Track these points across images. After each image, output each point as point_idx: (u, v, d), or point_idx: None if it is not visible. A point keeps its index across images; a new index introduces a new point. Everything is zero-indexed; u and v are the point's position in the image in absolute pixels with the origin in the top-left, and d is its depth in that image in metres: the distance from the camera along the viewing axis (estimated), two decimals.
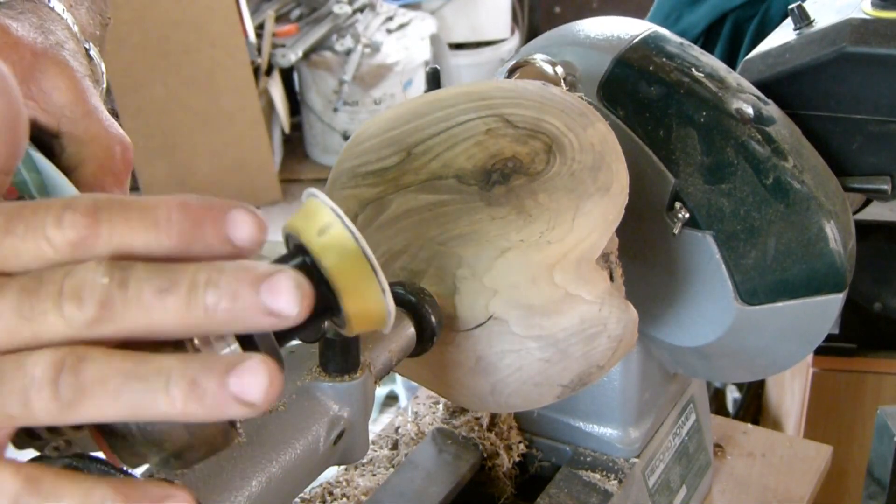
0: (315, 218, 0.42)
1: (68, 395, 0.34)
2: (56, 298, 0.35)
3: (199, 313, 0.35)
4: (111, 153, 0.53)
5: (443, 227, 0.61)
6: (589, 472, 0.81)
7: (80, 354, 0.35)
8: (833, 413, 1.59)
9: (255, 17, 3.36)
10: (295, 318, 0.35)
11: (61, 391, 0.34)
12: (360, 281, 0.42)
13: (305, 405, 0.53)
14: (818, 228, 0.70)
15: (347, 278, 0.42)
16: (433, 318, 0.59)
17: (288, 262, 0.42)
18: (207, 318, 0.35)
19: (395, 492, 0.79)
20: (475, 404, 0.67)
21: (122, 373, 0.35)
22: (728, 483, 0.95)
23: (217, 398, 0.34)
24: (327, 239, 0.42)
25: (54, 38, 0.55)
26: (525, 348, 0.61)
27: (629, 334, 0.64)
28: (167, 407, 0.34)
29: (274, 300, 0.35)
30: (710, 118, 0.70)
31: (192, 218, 0.36)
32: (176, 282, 0.35)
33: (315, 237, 0.42)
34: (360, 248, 0.42)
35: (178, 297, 0.35)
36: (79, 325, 0.35)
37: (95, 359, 0.35)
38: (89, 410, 0.35)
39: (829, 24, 0.79)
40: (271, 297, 0.35)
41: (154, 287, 0.35)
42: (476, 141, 0.61)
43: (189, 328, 0.35)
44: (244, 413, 0.35)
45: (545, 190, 0.60)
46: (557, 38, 0.77)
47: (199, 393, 0.34)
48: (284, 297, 0.35)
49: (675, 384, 0.88)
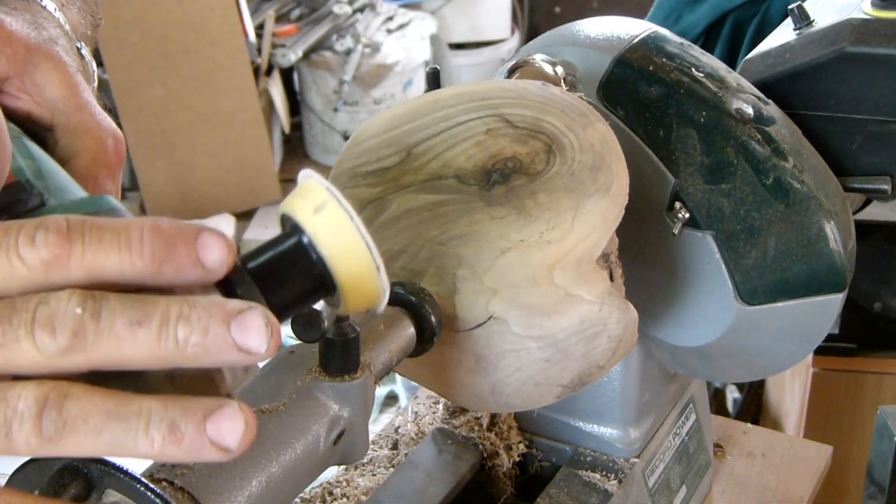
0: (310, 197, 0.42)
1: (50, 431, 0.35)
2: (29, 326, 0.35)
3: (170, 346, 0.36)
4: (104, 146, 0.53)
5: (443, 227, 0.61)
6: (589, 472, 0.81)
7: (64, 391, 0.36)
8: (833, 413, 1.59)
9: (255, 17, 3.35)
10: (263, 355, 0.36)
11: (44, 426, 0.35)
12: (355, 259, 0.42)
13: (305, 405, 0.53)
14: (818, 228, 0.70)
15: (342, 256, 0.42)
16: (433, 318, 0.59)
17: (283, 241, 0.43)
18: (178, 352, 0.36)
19: (395, 492, 0.79)
20: (475, 404, 0.67)
21: (104, 412, 0.36)
22: (728, 483, 0.95)
23: (195, 442, 0.36)
24: (323, 218, 0.42)
25: (47, 34, 0.55)
26: (525, 348, 0.61)
27: (629, 334, 0.64)
28: (145, 448, 0.36)
29: (244, 337, 0.36)
30: (710, 118, 0.70)
31: (164, 240, 0.36)
32: (148, 314, 0.36)
33: (311, 216, 0.42)
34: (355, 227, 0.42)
35: (150, 330, 0.36)
36: (51, 353, 0.35)
37: (79, 396, 0.36)
38: (69, 447, 0.36)
39: (829, 24, 0.79)
40: (241, 335, 0.36)
41: (126, 319, 0.36)
42: (476, 141, 0.61)
43: (159, 361, 0.36)
44: (220, 458, 0.36)
45: (545, 190, 0.60)
46: (557, 38, 0.77)
47: (177, 436, 0.36)
48: (254, 335, 0.36)
49: (675, 384, 0.88)
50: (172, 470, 0.47)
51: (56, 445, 0.36)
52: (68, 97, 0.54)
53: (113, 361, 0.36)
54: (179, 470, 0.47)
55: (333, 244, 0.42)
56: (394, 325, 0.58)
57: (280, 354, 0.56)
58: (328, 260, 0.42)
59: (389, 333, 0.58)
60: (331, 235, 0.42)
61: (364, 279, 0.43)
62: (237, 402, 0.36)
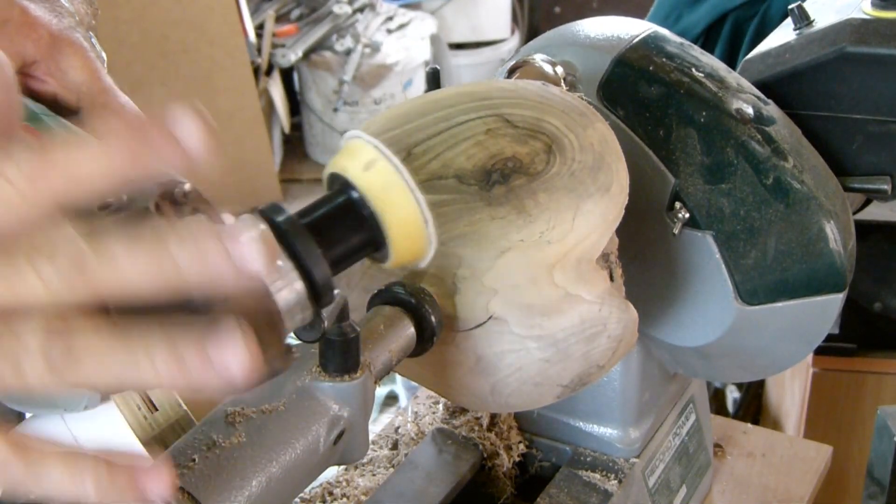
0: (359, 155, 0.44)
1: (59, 363, 0.36)
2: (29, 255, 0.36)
3: (169, 266, 0.36)
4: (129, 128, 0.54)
5: (443, 227, 0.61)
6: (589, 472, 0.81)
7: (71, 325, 0.36)
8: (833, 413, 1.59)
9: (255, 17, 3.36)
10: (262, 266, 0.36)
11: (53, 359, 0.36)
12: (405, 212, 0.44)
13: (305, 405, 0.53)
14: (818, 228, 0.70)
15: (393, 208, 0.44)
16: (433, 318, 0.59)
17: (335, 198, 0.44)
18: (177, 273, 0.36)
19: (395, 492, 0.79)
20: (475, 404, 0.67)
21: (108, 341, 0.36)
22: (728, 483, 0.95)
23: (198, 369, 0.36)
24: (373, 173, 0.44)
25: (66, 21, 0.57)
26: (525, 348, 0.61)
27: (629, 334, 0.64)
28: (150, 375, 0.36)
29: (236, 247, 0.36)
30: (710, 118, 0.70)
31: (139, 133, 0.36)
32: (141, 235, 0.36)
33: (361, 173, 0.44)
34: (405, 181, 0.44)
35: (146, 249, 0.36)
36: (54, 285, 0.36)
37: (85, 329, 0.36)
38: (78, 377, 0.36)
39: (829, 24, 0.79)
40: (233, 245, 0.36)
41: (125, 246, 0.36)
42: (476, 141, 0.61)
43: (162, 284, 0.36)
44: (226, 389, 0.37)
45: (545, 190, 0.60)
46: (557, 38, 0.77)
47: (180, 362, 0.36)
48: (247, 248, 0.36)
49: (675, 384, 0.88)
50: None
51: (65, 377, 0.36)
52: (91, 81, 0.55)
53: (117, 289, 0.36)
54: (179, 470, 0.47)
55: (384, 199, 0.44)
56: (394, 325, 0.58)
57: None
58: (379, 214, 0.44)
59: (389, 333, 0.58)
60: (381, 190, 0.44)
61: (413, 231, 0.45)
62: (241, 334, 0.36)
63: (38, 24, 0.54)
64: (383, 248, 0.45)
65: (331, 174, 0.45)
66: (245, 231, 0.36)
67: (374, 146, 0.44)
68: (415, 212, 0.44)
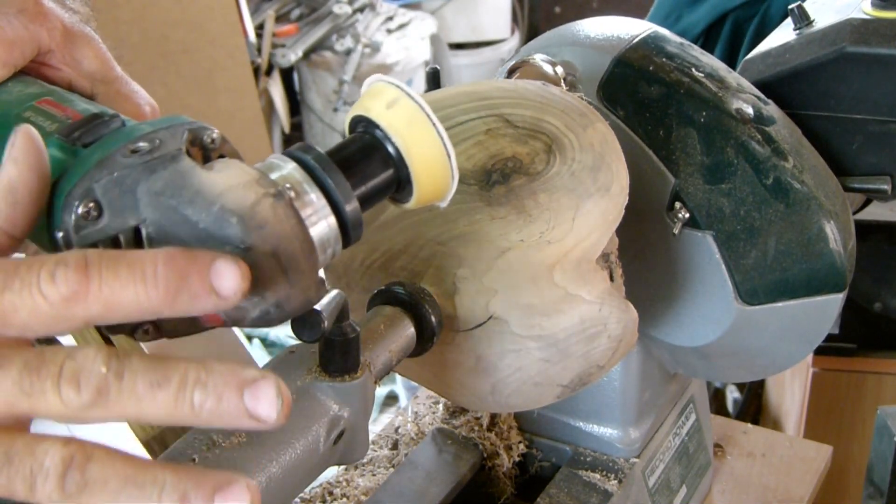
0: (382, 95, 0.46)
1: (72, 489, 0.38)
2: (56, 380, 0.38)
3: (186, 409, 0.39)
4: (142, 112, 0.57)
5: (443, 227, 0.61)
6: (589, 472, 0.81)
7: (88, 453, 0.38)
8: (833, 413, 1.59)
9: (255, 17, 3.35)
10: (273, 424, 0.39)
11: (67, 485, 0.38)
12: (429, 147, 0.45)
13: (305, 405, 0.53)
14: (818, 228, 0.70)
15: (417, 144, 0.45)
16: (433, 318, 0.59)
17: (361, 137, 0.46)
18: (193, 414, 0.39)
19: (395, 492, 0.79)
20: (475, 404, 0.67)
21: (123, 477, 0.38)
22: (728, 483, 0.95)
23: None
24: (396, 111, 0.45)
25: (76, 17, 0.59)
26: (525, 348, 0.61)
27: (629, 334, 0.63)
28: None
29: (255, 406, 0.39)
30: (710, 118, 0.70)
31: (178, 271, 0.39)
32: (168, 378, 0.38)
33: (384, 111, 0.45)
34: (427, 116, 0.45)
35: (169, 392, 0.38)
36: (74, 407, 0.38)
37: (101, 459, 0.38)
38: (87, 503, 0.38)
39: (829, 24, 0.79)
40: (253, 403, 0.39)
41: (147, 381, 0.38)
42: (476, 141, 0.61)
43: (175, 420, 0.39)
44: None
45: (545, 190, 0.60)
46: (557, 38, 0.77)
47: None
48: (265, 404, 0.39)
49: (675, 384, 0.88)
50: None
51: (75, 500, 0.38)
52: (104, 70, 0.57)
53: (131, 418, 0.39)
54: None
55: (408, 134, 0.45)
56: (394, 325, 0.58)
57: (280, 354, 0.57)
58: (404, 149, 0.46)
59: (389, 333, 0.58)
60: (405, 126, 0.45)
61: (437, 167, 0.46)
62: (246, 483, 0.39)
63: (51, 15, 0.56)
64: (408, 186, 0.46)
65: (354, 117, 0.47)
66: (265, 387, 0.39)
67: (396, 86, 0.45)
68: (438, 146, 0.45)
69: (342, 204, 0.44)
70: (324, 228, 0.44)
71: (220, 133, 0.47)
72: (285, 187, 0.43)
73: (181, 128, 0.45)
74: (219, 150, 0.46)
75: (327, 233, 0.44)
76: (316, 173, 0.44)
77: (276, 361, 0.56)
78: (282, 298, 0.42)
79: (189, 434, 0.51)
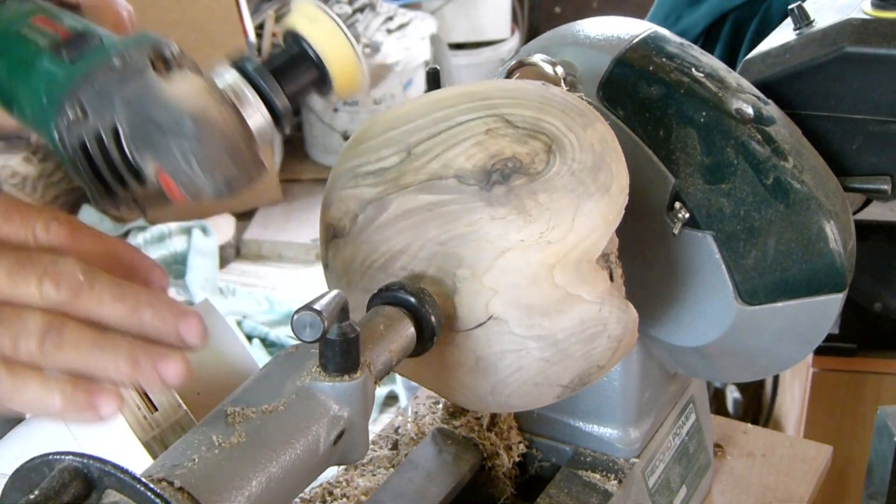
0: (305, 12, 0.58)
1: (49, 347, 0.48)
2: (40, 276, 0.48)
3: (136, 321, 0.50)
4: (121, 17, 0.66)
5: (443, 227, 0.61)
6: (589, 472, 0.81)
7: (64, 321, 0.48)
8: (833, 413, 1.59)
9: (255, 17, 3.35)
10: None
11: (46, 342, 0.48)
12: (341, 50, 0.58)
13: (305, 405, 0.53)
14: (818, 228, 0.70)
15: (332, 49, 0.58)
16: (433, 318, 0.59)
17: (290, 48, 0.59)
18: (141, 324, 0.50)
19: (395, 492, 0.79)
20: (475, 404, 0.67)
21: (90, 341, 0.48)
22: (728, 483, 0.95)
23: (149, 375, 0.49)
24: (316, 25, 0.58)
25: None
26: (525, 348, 0.61)
27: (629, 334, 0.64)
28: (114, 371, 0.49)
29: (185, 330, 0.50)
30: (710, 118, 0.70)
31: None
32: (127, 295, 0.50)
33: (307, 26, 0.58)
34: (340, 29, 0.58)
35: (126, 306, 0.49)
36: (50, 301, 0.48)
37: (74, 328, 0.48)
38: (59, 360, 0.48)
39: (829, 24, 0.79)
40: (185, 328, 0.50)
41: (112, 294, 0.49)
42: (476, 141, 0.61)
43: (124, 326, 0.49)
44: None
45: (545, 190, 0.60)
46: (557, 38, 0.77)
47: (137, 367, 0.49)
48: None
49: (675, 384, 0.88)
50: (172, 470, 0.47)
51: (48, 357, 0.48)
52: None
53: (91, 319, 0.49)
54: (179, 470, 0.47)
55: (325, 41, 0.58)
56: (394, 325, 0.58)
57: (280, 354, 0.57)
58: (323, 55, 0.58)
59: (389, 333, 0.58)
60: (323, 35, 0.58)
61: (349, 67, 0.59)
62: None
63: None
64: (327, 83, 0.59)
65: (285, 32, 0.59)
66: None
67: (316, 5, 0.58)
68: (350, 51, 0.58)
69: (274, 100, 0.57)
70: (259, 121, 0.57)
71: (180, 46, 0.57)
72: (229, 92, 0.56)
73: (147, 44, 0.56)
74: (178, 61, 0.57)
75: (263, 125, 0.57)
76: (252, 78, 0.57)
77: (275, 361, 0.56)
78: (230, 177, 0.54)
79: (189, 434, 0.51)
